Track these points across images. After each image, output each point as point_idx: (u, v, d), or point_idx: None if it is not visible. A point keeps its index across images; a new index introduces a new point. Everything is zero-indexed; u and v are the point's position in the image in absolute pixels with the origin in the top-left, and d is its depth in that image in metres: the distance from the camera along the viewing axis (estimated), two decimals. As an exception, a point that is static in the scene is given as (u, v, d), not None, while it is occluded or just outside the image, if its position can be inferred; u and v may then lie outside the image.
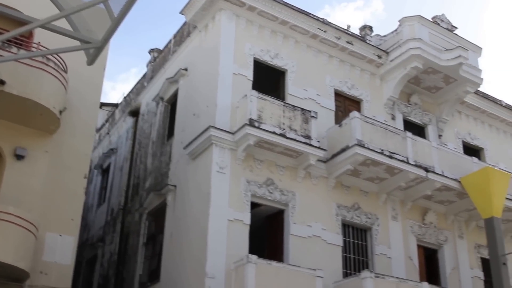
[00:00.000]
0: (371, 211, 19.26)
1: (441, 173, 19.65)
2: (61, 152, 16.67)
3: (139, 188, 21.71)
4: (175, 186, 18.48)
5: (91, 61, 9.79)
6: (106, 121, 28.03)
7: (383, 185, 19.45)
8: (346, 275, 17.85)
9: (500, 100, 26.12)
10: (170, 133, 20.48)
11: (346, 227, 18.74)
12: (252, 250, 16.10)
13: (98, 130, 27.26)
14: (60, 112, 16.17)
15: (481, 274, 21.40)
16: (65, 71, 16.57)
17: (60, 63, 16.45)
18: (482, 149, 24.66)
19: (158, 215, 19.31)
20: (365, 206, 19.19)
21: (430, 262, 20.74)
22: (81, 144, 17.13)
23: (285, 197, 17.54)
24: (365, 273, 16.42)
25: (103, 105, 27.25)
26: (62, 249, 15.85)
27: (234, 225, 16.30)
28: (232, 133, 17.05)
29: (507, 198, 20.65)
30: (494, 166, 21.76)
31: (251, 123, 16.69)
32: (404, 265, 19.26)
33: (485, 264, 21.04)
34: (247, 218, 16.58)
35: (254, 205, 17.10)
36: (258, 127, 16.76)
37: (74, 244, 16.15)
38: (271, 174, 17.54)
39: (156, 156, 20.85)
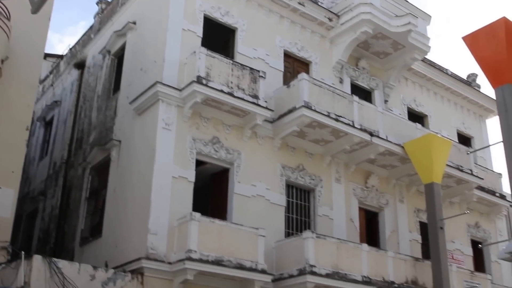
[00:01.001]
0: (315, 172, 19.46)
1: (385, 138, 19.94)
2: (3, 102, 16.18)
3: (82, 142, 21.36)
4: (119, 141, 18.24)
5: (35, 9, 9.49)
6: (51, 72, 27.32)
7: (328, 148, 19.64)
8: (288, 235, 18.09)
9: (446, 69, 26.55)
10: (116, 87, 20.12)
11: (290, 187, 18.93)
12: (195, 208, 16.10)
13: (41, 81, 26.57)
14: (2, 61, 15.68)
15: (419, 238, 22.01)
16: (8, 19, 16.00)
17: (3, 10, 15.87)
18: (426, 116, 25.14)
19: (102, 170, 19.06)
20: (310, 167, 19.38)
21: (370, 224, 21.18)
22: (23, 95, 16.65)
23: (231, 156, 17.55)
24: (306, 233, 16.67)
25: (47, 56, 26.53)
26: (1, 202, 15.51)
27: (179, 182, 16.25)
28: (179, 90, 16.86)
29: (447, 165, 21.15)
30: (437, 133, 22.20)
31: (198, 80, 16.53)
32: (345, 227, 19.62)
33: (423, 228, 21.61)
34: (191, 175, 16.55)
35: (199, 163, 17.06)
36: (205, 85, 16.61)
37: (14, 197, 15.83)
38: (217, 132, 17.48)
39: (101, 110, 20.50)
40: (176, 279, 15.13)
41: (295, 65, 20.84)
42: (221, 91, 16.88)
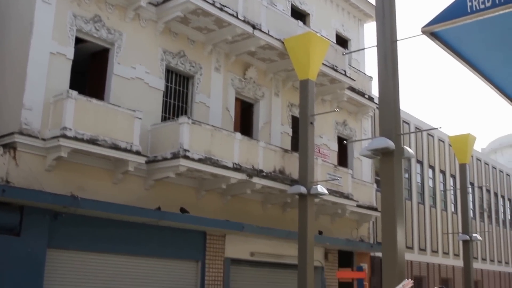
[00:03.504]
0: (196, 60, 19.65)
1: (267, 32, 20.30)
2: None
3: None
4: (-6, 11, 17.41)
5: None
6: None
7: (210, 36, 19.78)
8: (165, 119, 18.41)
9: (332, -31, 26.96)
10: (-8, -47, 18.93)
11: (170, 72, 19.07)
12: (73, 86, 15.90)
13: None
14: None
15: (290, 131, 23.05)
16: None
17: None
18: (308, 14, 25.62)
19: (-26, 40, 18.21)
20: (191, 54, 19.51)
21: (245, 114, 21.86)
22: None
23: (112, 36, 17.30)
24: (182, 119, 17.02)
25: None
26: None
27: (56, 59, 15.91)
28: (61, -37, 16.20)
29: (323, 64, 21.96)
30: (316, 32, 22.76)
31: (82, -46, 15.93)
32: (221, 115, 20.18)
33: (295, 122, 22.62)
34: (70, 53, 16.22)
35: (78, 41, 16.72)
36: (90, -40, 16.04)
37: None
38: (99, 10, 17.09)
39: (-25, -24, 19.31)
40: (50, 155, 15.13)
41: (183, -50, 20.40)
42: (106, -32, 16.39)
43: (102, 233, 16.20)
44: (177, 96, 19.24)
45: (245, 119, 21.80)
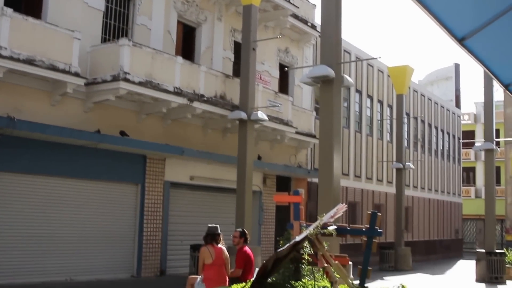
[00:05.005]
0: (137, -19, 19.18)
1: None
2: None
3: None
4: None
5: None
6: None
7: (152, -44, 19.28)
8: (105, 40, 18.03)
9: None
10: None
11: (110, -7, 18.58)
12: (8, 4, 15.36)
13: None
14: None
15: (232, 56, 22.97)
16: None
17: None
18: None
19: None
20: (132, -25, 19.02)
21: (187, 38, 21.61)
22: None
23: (49, -48, 16.65)
24: (123, 41, 16.72)
25: None
26: None
27: (-9, -26, 15.28)
28: None
29: (267, -11, 21.78)
30: (261, -44, 22.47)
31: None
32: (163, 38, 19.88)
33: (237, 47, 22.52)
34: (5, -32, 15.59)
35: (14, -44, 16.05)
36: None
37: None
38: None
39: None
40: (-16, 75, 14.74)
41: None
42: None
43: (40, 155, 16.06)
44: (118, 18, 18.80)
45: (187, 43, 21.56)
